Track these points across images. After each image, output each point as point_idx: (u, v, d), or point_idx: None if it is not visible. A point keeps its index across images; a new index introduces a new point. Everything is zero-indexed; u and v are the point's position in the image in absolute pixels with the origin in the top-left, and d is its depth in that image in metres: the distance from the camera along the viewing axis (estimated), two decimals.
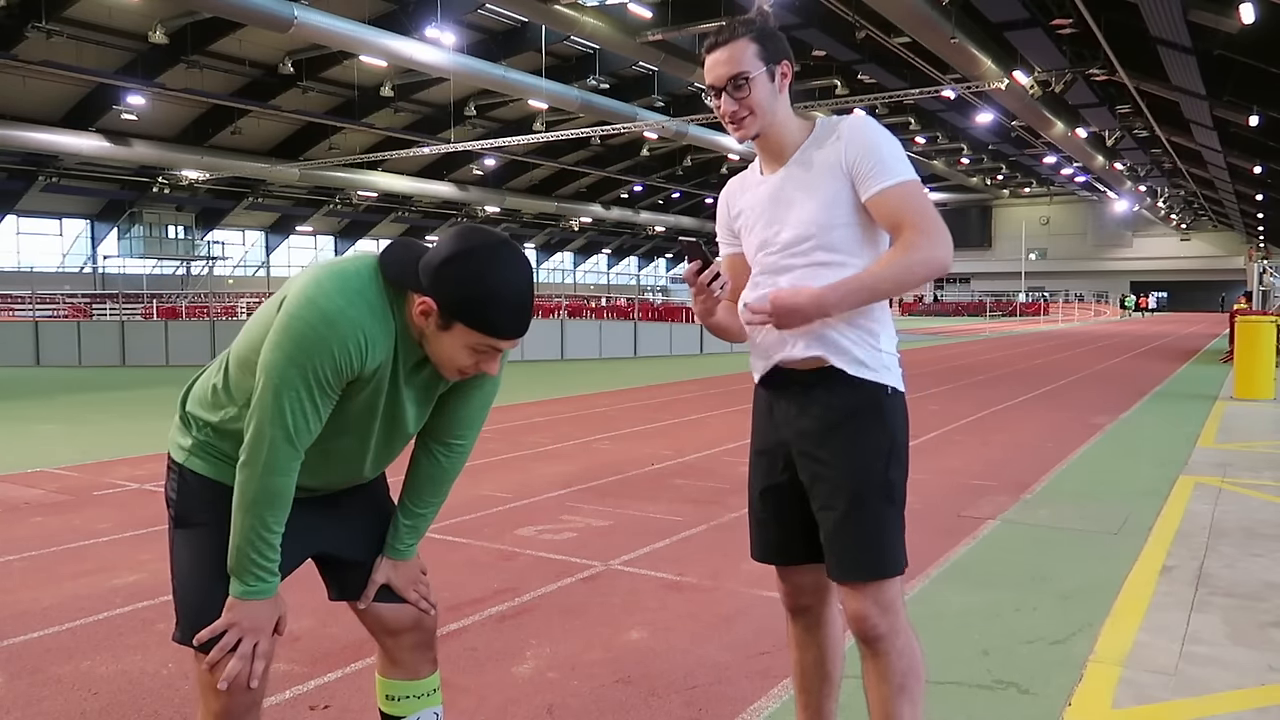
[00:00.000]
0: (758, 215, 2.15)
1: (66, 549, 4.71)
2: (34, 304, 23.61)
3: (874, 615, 2.01)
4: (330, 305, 1.68)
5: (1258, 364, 11.45)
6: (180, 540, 1.87)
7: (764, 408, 2.20)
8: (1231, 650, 3.30)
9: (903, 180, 1.99)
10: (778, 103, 2.08)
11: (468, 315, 1.68)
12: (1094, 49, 22.04)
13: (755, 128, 2.07)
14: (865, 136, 2.02)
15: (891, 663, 2.03)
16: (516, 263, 1.72)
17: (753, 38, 2.05)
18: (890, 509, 2.04)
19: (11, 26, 25.27)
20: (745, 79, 2.03)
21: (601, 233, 66.02)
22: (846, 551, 2.02)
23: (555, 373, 16.17)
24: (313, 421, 1.73)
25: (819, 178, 2.04)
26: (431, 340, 1.74)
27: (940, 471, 6.76)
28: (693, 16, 23.74)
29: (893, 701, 2.03)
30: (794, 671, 2.31)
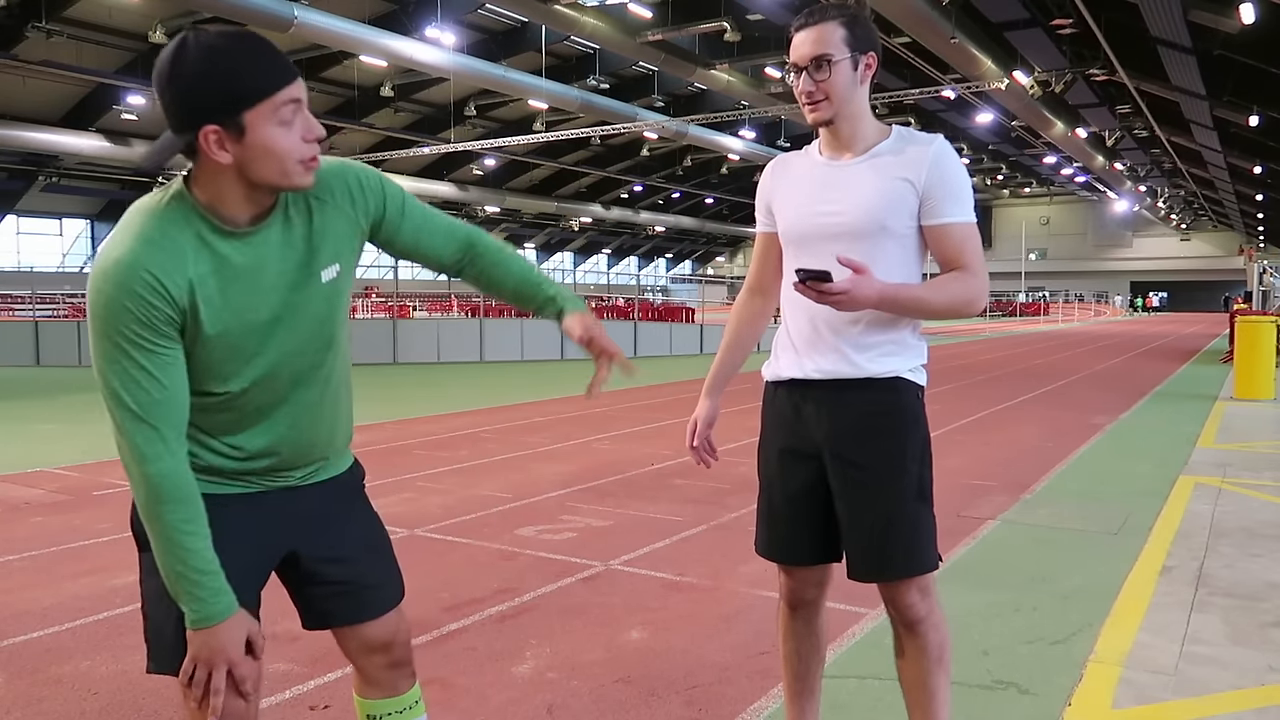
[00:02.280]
0: (809, 189, 2.13)
1: (66, 549, 4.71)
2: (34, 304, 23.60)
3: (917, 603, 2.12)
4: (106, 264, 1.50)
5: (1258, 364, 11.45)
6: (143, 565, 1.67)
7: (788, 408, 2.19)
8: (1231, 650, 3.30)
9: (969, 220, 2.07)
10: (856, 93, 2.08)
11: (240, 95, 1.46)
12: (1094, 49, 22.04)
13: (829, 112, 2.07)
14: (948, 165, 2.06)
15: (931, 640, 2.14)
16: (222, 25, 1.61)
17: (843, 22, 2.05)
18: (926, 508, 2.13)
19: (11, 26, 25.26)
20: (828, 61, 2.03)
21: (601, 233, 66.00)
22: (891, 553, 2.08)
23: (555, 373, 16.17)
24: (152, 388, 1.52)
25: (889, 180, 2.05)
26: (250, 161, 1.50)
27: (940, 471, 6.73)
28: (693, 16, 23.74)
29: (932, 674, 2.15)
30: (785, 659, 2.35)
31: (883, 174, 2.06)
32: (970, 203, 2.08)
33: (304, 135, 1.52)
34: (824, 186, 2.11)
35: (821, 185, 2.11)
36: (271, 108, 1.48)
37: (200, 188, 1.54)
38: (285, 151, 1.50)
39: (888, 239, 2.05)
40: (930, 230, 2.06)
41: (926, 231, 2.07)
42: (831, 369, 2.10)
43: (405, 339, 18.83)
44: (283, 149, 1.50)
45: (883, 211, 2.04)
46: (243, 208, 1.55)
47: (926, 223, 2.06)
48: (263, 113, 1.48)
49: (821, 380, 2.11)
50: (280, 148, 1.50)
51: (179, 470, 1.54)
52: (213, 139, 1.47)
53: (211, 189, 1.53)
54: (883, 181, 2.05)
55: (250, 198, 1.55)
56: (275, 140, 1.49)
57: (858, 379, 2.09)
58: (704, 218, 64.05)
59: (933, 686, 2.16)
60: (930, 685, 2.16)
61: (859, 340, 2.08)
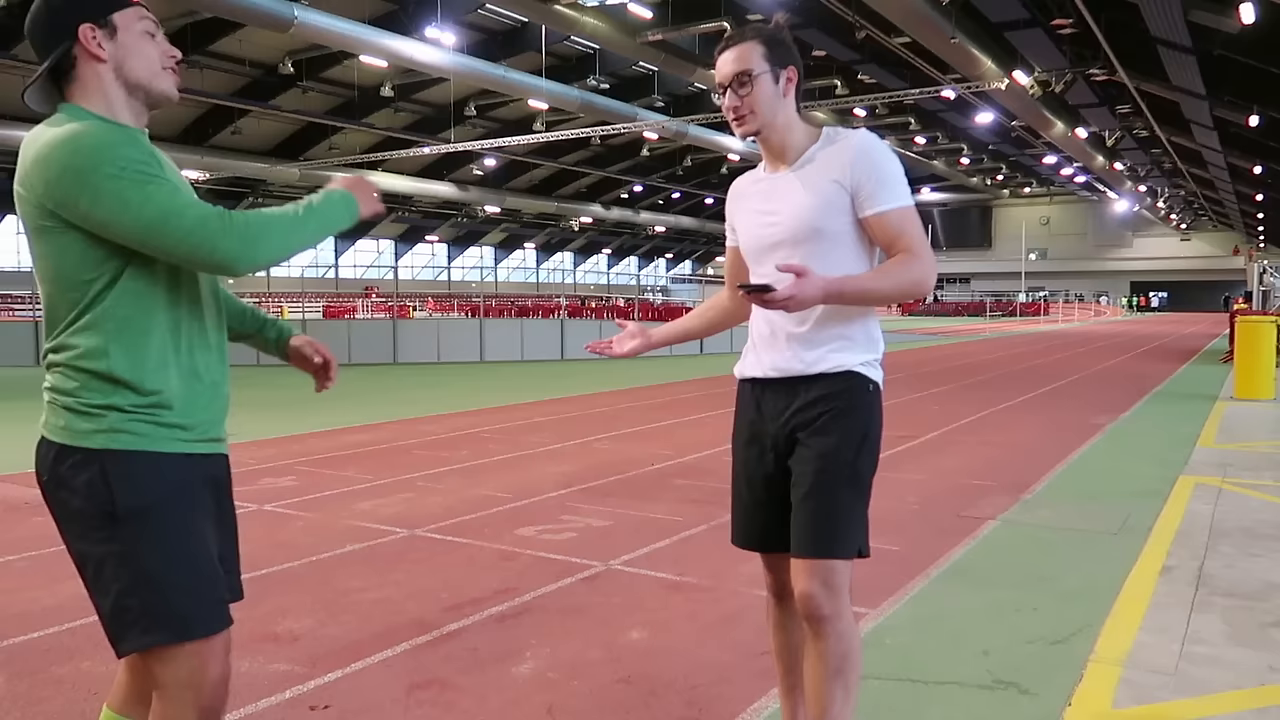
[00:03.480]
0: (754, 203, 2.26)
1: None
2: (34, 304, 23.61)
3: (820, 595, 2.09)
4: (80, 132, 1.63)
5: (1258, 364, 11.45)
6: (143, 535, 1.66)
7: (751, 403, 2.30)
8: (1231, 650, 3.30)
9: (904, 205, 2.13)
10: (780, 105, 2.18)
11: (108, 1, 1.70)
12: (1094, 49, 22.04)
13: (755, 125, 2.18)
14: (872, 156, 2.12)
15: (830, 645, 2.10)
16: None
17: (761, 40, 2.16)
18: (852, 494, 2.14)
19: (11, 26, 25.25)
20: (749, 77, 2.14)
21: (601, 233, 66.02)
22: (804, 528, 2.13)
23: (555, 373, 16.17)
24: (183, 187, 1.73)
25: (820, 182, 2.15)
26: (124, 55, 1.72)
27: (940, 471, 6.76)
28: (693, 16, 23.73)
29: (827, 683, 2.11)
30: (777, 653, 2.39)
31: (812, 179, 2.16)
32: (903, 187, 2.14)
33: (165, 50, 1.78)
34: (765, 199, 2.24)
35: (764, 198, 2.24)
36: (135, 14, 1.73)
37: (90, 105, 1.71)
38: (153, 51, 1.74)
39: (825, 240, 2.14)
40: (868, 221, 2.13)
41: (865, 223, 2.14)
42: (785, 367, 2.21)
43: (405, 339, 18.84)
44: (150, 48, 1.74)
45: (815, 216, 2.13)
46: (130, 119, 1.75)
47: (863, 215, 2.13)
48: (129, 17, 1.72)
49: (778, 378, 2.22)
50: (148, 47, 1.74)
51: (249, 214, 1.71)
52: (91, 36, 1.68)
53: (100, 101, 1.71)
54: (812, 186, 2.15)
55: (131, 106, 1.76)
56: (142, 41, 1.73)
57: (809, 375, 2.18)
58: (704, 218, 64.06)
59: (826, 695, 2.10)
60: (825, 696, 2.11)
61: (809, 338, 2.18)
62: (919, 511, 5.50)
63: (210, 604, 1.71)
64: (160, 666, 1.69)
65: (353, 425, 9.12)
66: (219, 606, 1.73)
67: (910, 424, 9.13)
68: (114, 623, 1.68)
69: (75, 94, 1.72)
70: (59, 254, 1.67)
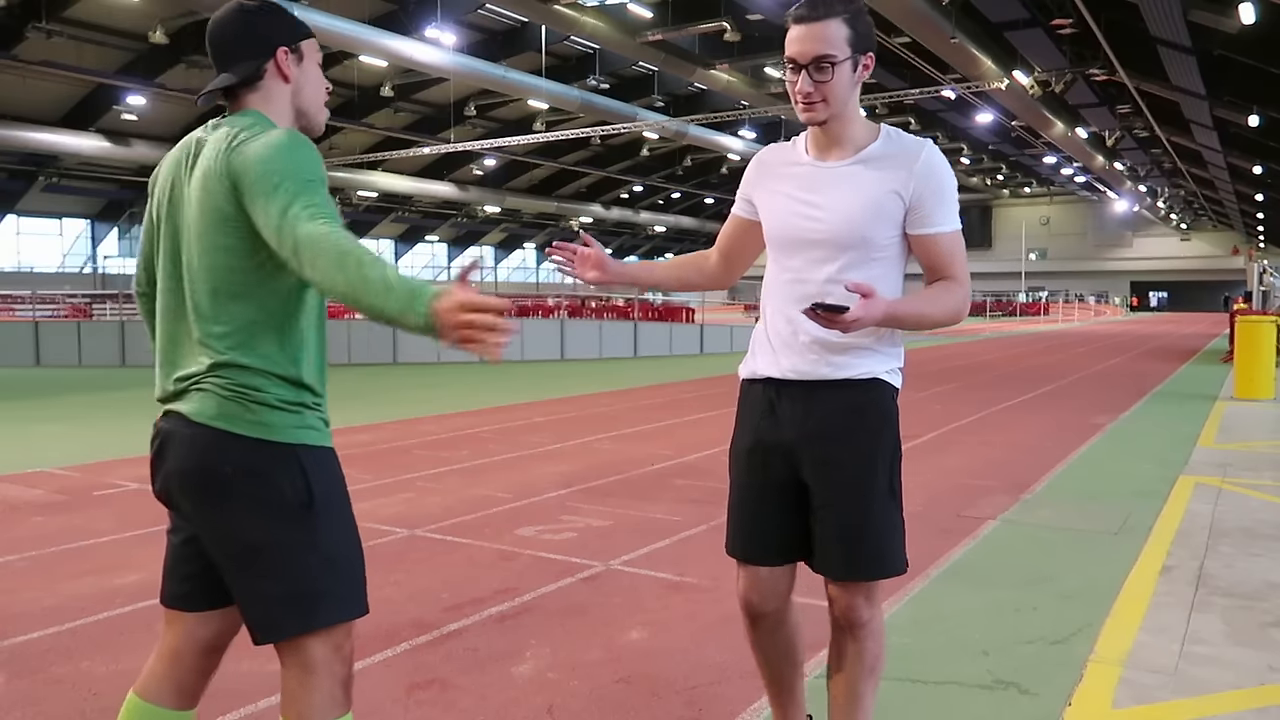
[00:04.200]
0: (792, 190, 2.09)
1: (66, 549, 4.71)
2: (34, 304, 23.60)
3: (863, 607, 2.11)
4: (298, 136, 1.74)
5: (1258, 364, 11.45)
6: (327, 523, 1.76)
7: (763, 405, 2.16)
8: (1231, 650, 3.30)
9: (957, 228, 2.06)
10: (852, 95, 2.02)
11: (298, 29, 1.86)
12: (1094, 49, 22.05)
13: (825, 114, 2.00)
14: (939, 173, 2.03)
15: (868, 646, 2.14)
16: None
17: (846, 20, 1.96)
18: (897, 510, 2.11)
19: (11, 26, 25.27)
20: (831, 63, 1.95)
21: (602, 233, 65.95)
22: (857, 552, 2.06)
23: (555, 373, 16.17)
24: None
25: (876, 187, 2.01)
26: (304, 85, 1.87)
27: (940, 471, 6.76)
28: (693, 16, 23.74)
29: (863, 681, 2.15)
30: (760, 667, 2.33)
31: (869, 183, 2.01)
32: (957, 208, 2.06)
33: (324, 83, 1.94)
34: (807, 188, 2.07)
35: (806, 187, 2.07)
36: (315, 45, 1.89)
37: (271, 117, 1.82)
38: (321, 83, 1.91)
39: (869, 250, 2.02)
40: (919, 239, 2.04)
41: (914, 240, 2.04)
42: (809, 370, 2.08)
43: (405, 339, 18.83)
44: (320, 80, 1.91)
45: (865, 224, 2.01)
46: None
47: (915, 232, 2.03)
48: (311, 46, 1.89)
49: (799, 381, 2.10)
50: (319, 79, 1.91)
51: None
52: (285, 58, 1.83)
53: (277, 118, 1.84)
54: (868, 192, 2.01)
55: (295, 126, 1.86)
56: (317, 72, 1.90)
57: (835, 380, 2.07)
58: (704, 218, 64.06)
59: (861, 693, 2.16)
60: (859, 692, 2.16)
61: (838, 344, 2.06)
62: (919, 511, 5.49)
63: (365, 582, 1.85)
64: (318, 646, 1.75)
65: (353, 425, 9.12)
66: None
67: (911, 424, 9.13)
68: (288, 607, 1.73)
69: (254, 103, 1.83)
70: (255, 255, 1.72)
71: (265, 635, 1.76)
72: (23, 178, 37.04)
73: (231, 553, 1.75)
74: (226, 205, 1.69)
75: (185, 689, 1.89)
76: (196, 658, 1.89)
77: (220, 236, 1.71)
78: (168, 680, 1.88)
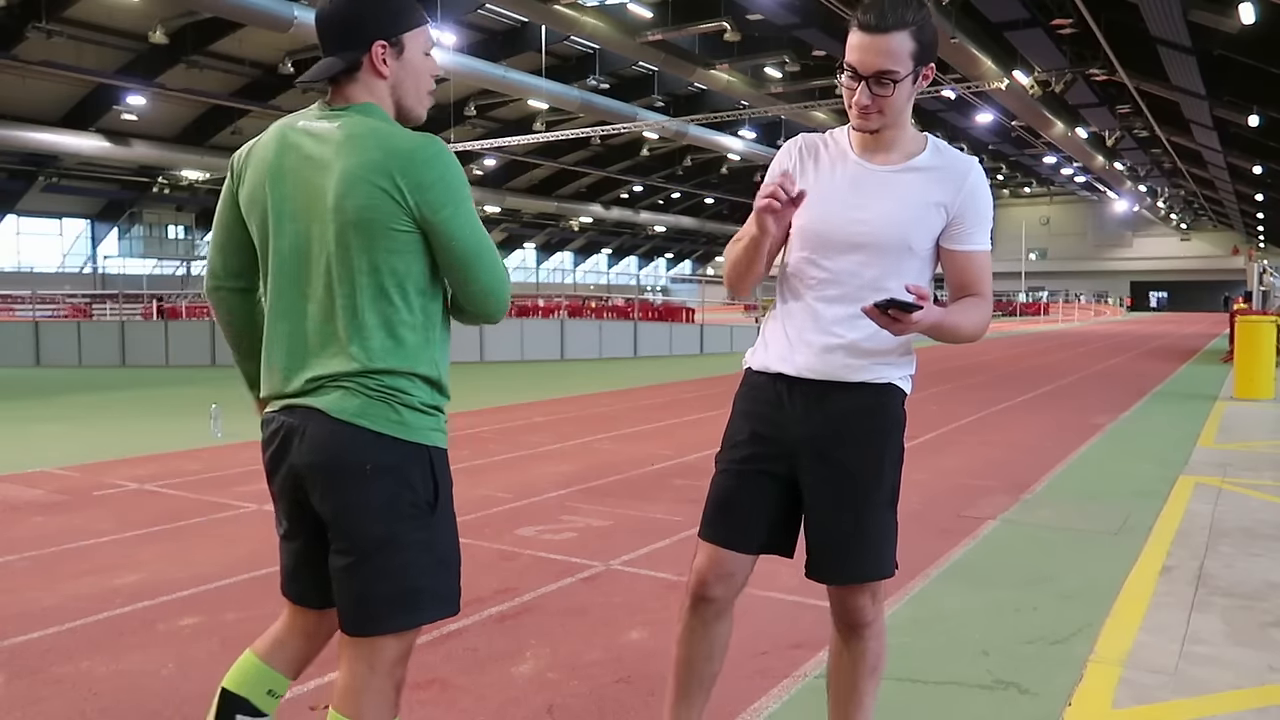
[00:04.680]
0: (839, 187, 2.06)
1: (66, 549, 4.71)
2: (34, 304, 23.61)
3: (868, 607, 2.13)
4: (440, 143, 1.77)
5: (1258, 364, 11.45)
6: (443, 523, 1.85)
7: (771, 398, 2.13)
8: (1231, 650, 3.30)
9: (989, 248, 2.11)
10: (909, 105, 2.02)
11: (402, 20, 1.79)
12: (1094, 49, 22.04)
13: (879, 124, 1.99)
14: (981, 192, 2.06)
15: (871, 647, 2.17)
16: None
17: (913, 33, 1.91)
18: (894, 514, 2.14)
19: (11, 26, 25.26)
20: (893, 79, 1.92)
21: (601, 233, 66.01)
22: (857, 554, 2.08)
23: (555, 373, 16.17)
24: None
25: (922, 201, 2.02)
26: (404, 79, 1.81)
27: (940, 471, 6.76)
28: (693, 16, 23.74)
29: (866, 681, 2.19)
30: (677, 664, 2.25)
31: (916, 192, 2.02)
32: (990, 230, 2.09)
33: (432, 70, 1.87)
34: (855, 190, 2.04)
35: (853, 188, 2.04)
36: (422, 35, 1.82)
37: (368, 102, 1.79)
38: (424, 74, 1.84)
39: (907, 257, 2.03)
40: (954, 254, 2.06)
41: (949, 255, 2.07)
42: (827, 370, 2.07)
43: None
44: (424, 71, 1.84)
45: (910, 232, 2.02)
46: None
47: (952, 246, 2.05)
48: (416, 38, 1.81)
49: (813, 380, 2.08)
50: (423, 70, 1.84)
51: None
52: (380, 52, 1.77)
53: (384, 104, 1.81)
54: (915, 200, 2.01)
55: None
56: (421, 63, 1.83)
57: (851, 382, 2.06)
58: (704, 218, 64.05)
59: (863, 693, 2.18)
60: (861, 692, 2.18)
61: (863, 347, 2.05)
62: (919, 511, 5.49)
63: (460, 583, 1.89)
64: (393, 646, 1.79)
65: None
66: None
67: (910, 424, 9.11)
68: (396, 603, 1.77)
69: (358, 95, 1.80)
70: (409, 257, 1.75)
71: (362, 628, 1.78)
72: (23, 178, 37.02)
73: (354, 545, 1.77)
74: (392, 208, 1.71)
75: (294, 661, 2.01)
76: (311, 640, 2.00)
77: (385, 240, 1.72)
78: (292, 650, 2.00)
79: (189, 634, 3.51)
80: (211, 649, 3.33)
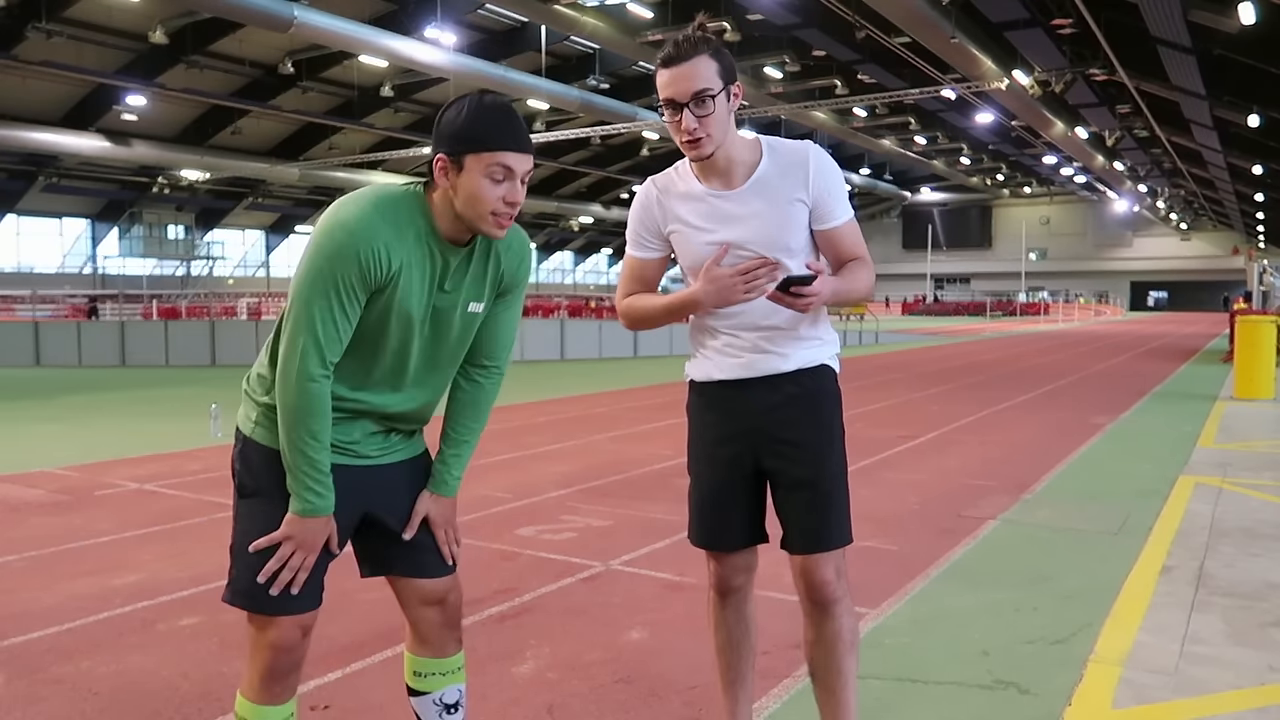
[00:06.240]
0: (703, 223, 2.17)
1: (66, 549, 4.71)
2: (34, 304, 23.61)
3: (833, 580, 2.21)
4: (347, 215, 1.83)
5: (1258, 364, 11.44)
6: (242, 509, 1.98)
7: (718, 403, 2.26)
8: (1231, 650, 3.30)
9: (851, 215, 2.23)
10: (730, 123, 2.12)
11: (470, 142, 1.83)
12: (1094, 49, 22.06)
13: (711, 148, 2.10)
14: (828, 171, 2.18)
15: (845, 623, 2.24)
16: (495, 96, 1.92)
17: (712, 54, 2.07)
18: (845, 482, 2.26)
19: (11, 26, 25.28)
20: (709, 95, 2.05)
21: (601, 233, 66.01)
22: (822, 525, 2.20)
23: (555, 373, 16.18)
24: (342, 328, 1.85)
25: (783, 204, 2.14)
26: (458, 197, 1.85)
27: (940, 471, 6.76)
28: (692, 16, 23.64)
29: (845, 658, 2.25)
30: (720, 650, 2.42)
31: (772, 199, 2.14)
32: (847, 196, 2.21)
33: (505, 196, 1.85)
34: (719, 220, 2.16)
35: (716, 219, 2.16)
36: (486, 161, 1.83)
37: (431, 198, 1.91)
38: (483, 199, 1.84)
39: (789, 257, 2.15)
40: (824, 233, 2.19)
41: (821, 235, 2.19)
42: (763, 366, 2.20)
43: None
44: (482, 196, 1.84)
45: (784, 235, 2.15)
46: (451, 229, 1.91)
47: (819, 227, 2.18)
48: (479, 161, 1.83)
49: (752, 378, 2.21)
50: (481, 195, 1.84)
51: (327, 393, 1.87)
52: (441, 166, 1.85)
53: (437, 204, 1.90)
54: (776, 207, 2.14)
55: (456, 224, 1.90)
56: (480, 187, 1.84)
57: (786, 372, 2.20)
58: None
59: (845, 669, 2.25)
60: (843, 668, 2.25)
61: (783, 336, 2.19)
62: (919, 511, 5.49)
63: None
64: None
65: None
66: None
67: (910, 424, 9.14)
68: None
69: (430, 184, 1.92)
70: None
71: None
72: (23, 178, 37.03)
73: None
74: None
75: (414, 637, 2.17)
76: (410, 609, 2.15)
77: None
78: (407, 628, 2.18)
79: (189, 634, 3.51)
80: (211, 649, 3.33)
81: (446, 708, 2.17)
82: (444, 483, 2.15)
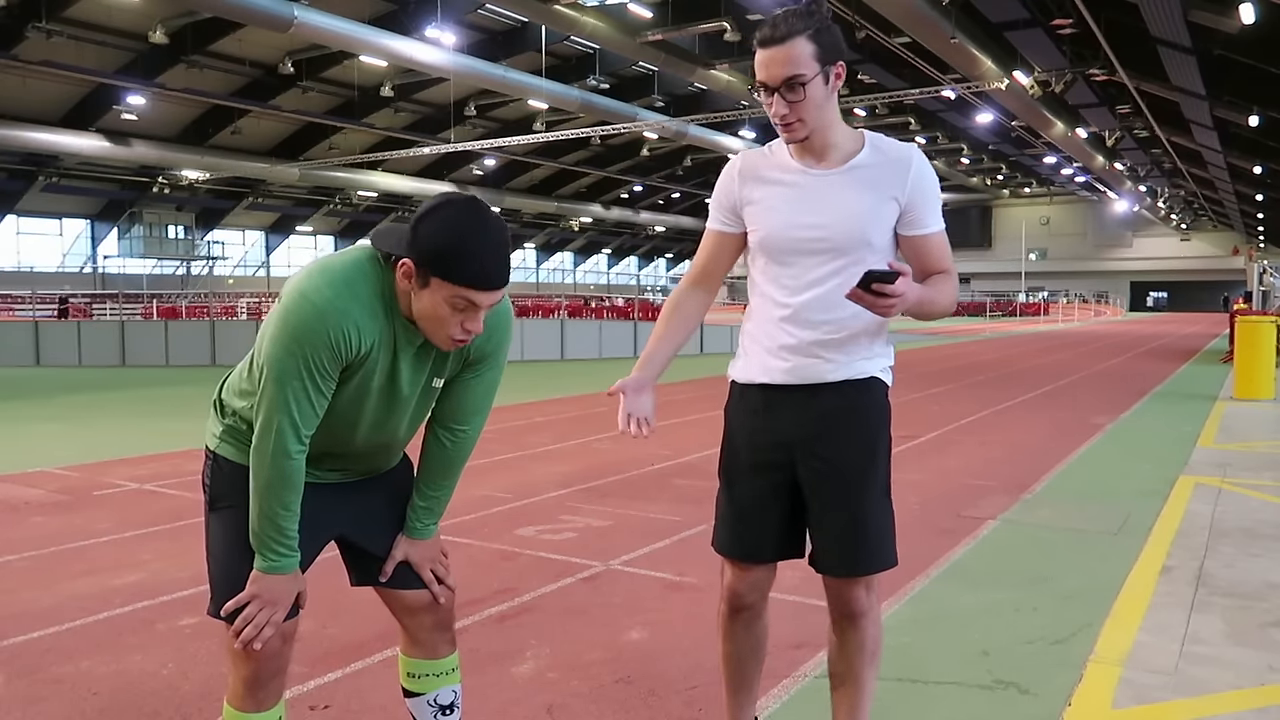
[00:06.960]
0: (787, 199, 2.09)
1: (66, 549, 4.71)
2: (34, 304, 23.60)
3: (864, 597, 2.18)
4: (320, 298, 1.78)
5: (1258, 364, 11.44)
6: (214, 521, 2.00)
7: (760, 407, 2.17)
8: (1231, 650, 3.30)
9: (942, 227, 2.16)
10: (828, 105, 2.04)
11: (439, 267, 1.74)
12: (1094, 49, 22.04)
13: (804, 132, 2.03)
14: (928, 177, 2.11)
15: (870, 634, 2.22)
16: (487, 217, 1.79)
17: (810, 36, 1.97)
18: (889, 505, 2.17)
19: (11, 26, 25.28)
20: (801, 83, 1.97)
21: (601, 233, 66.04)
22: (857, 550, 2.12)
23: (555, 373, 16.18)
24: (317, 405, 1.84)
25: (873, 196, 2.06)
26: (416, 303, 1.81)
27: (940, 471, 6.76)
28: (693, 16, 23.74)
29: (867, 668, 2.23)
30: (725, 659, 2.34)
31: (865, 189, 2.06)
32: (941, 208, 2.16)
33: (465, 324, 1.81)
34: (804, 199, 2.08)
35: (801, 197, 2.08)
36: (450, 290, 1.76)
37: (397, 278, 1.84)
38: (440, 322, 1.80)
39: (870, 253, 2.07)
40: (912, 240, 2.12)
41: (908, 241, 2.12)
42: (809, 373, 2.11)
43: None
44: (440, 319, 1.80)
45: (868, 228, 2.06)
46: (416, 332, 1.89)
47: (909, 233, 2.11)
48: (444, 288, 1.76)
49: (796, 385, 2.12)
50: (439, 317, 1.79)
51: (301, 467, 1.88)
52: (403, 270, 1.79)
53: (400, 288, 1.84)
54: (866, 197, 2.06)
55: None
56: (439, 310, 1.78)
57: (833, 382, 2.11)
58: (704, 218, 63.61)
59: (864, 680, 2.23)
60: (862, 679, 2.23)
61: (838, 344, 2.10)
62: (919, 511, 5.49)
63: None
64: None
65: None
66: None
67: (910, 424, 9.13)
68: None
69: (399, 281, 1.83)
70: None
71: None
72: (23, 178, 37.03)
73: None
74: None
75: (408, 641, 2.26)
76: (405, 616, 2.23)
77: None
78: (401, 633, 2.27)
79: (189, 634, 3.51)
80: (211, 649, 3.33)
81: (441, 709, 2.19)
82: (416, 529, 2.14)
